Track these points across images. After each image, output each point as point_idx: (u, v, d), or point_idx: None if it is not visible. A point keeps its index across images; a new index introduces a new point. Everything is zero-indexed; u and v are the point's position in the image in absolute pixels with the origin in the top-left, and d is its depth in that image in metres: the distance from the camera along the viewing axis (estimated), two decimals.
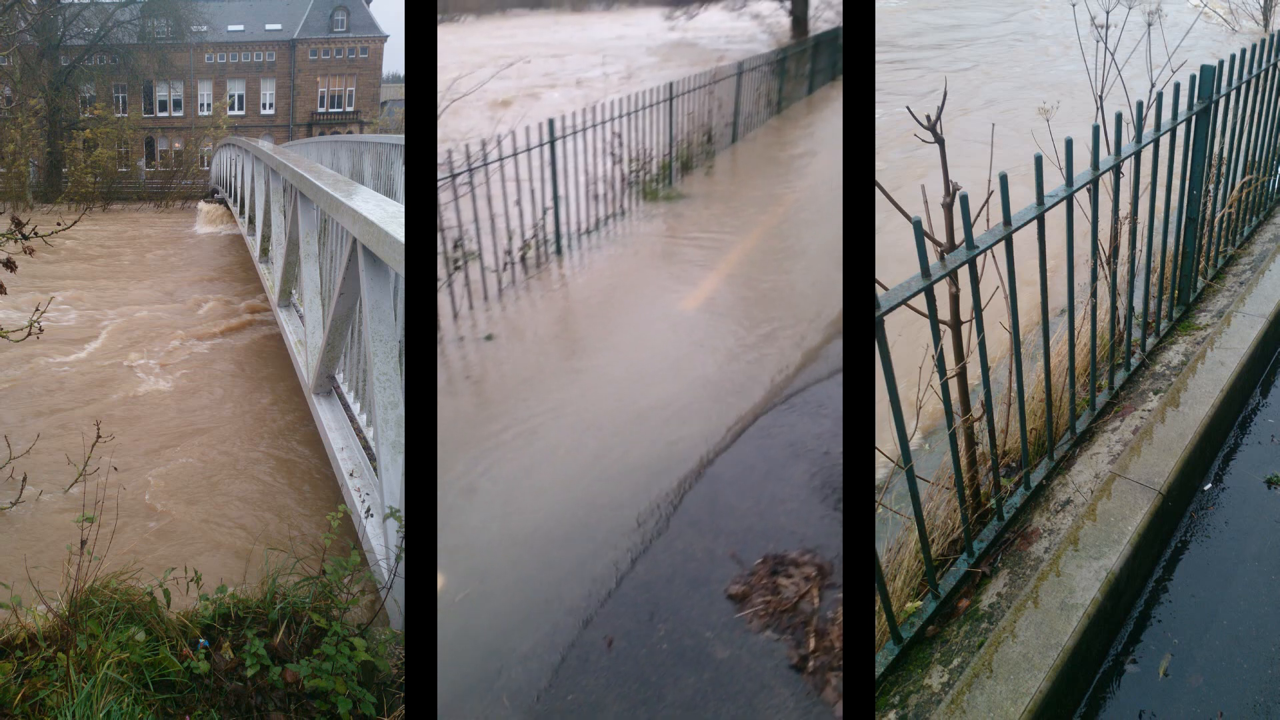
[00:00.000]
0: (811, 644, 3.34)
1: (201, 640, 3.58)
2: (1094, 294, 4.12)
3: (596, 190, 9.18)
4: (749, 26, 27.03)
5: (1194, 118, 4.84)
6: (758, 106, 14.34)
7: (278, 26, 44.50)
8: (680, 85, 11.15)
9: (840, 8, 27.12)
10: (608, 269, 7.87)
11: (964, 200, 3.11)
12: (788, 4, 26.51)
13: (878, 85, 3.01)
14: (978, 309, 3.24)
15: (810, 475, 4.47)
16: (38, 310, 5.15)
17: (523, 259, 7.79)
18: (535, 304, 7.05)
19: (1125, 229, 4.45)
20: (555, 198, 8.34)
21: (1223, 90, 5.03)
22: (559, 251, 8.29)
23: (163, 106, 43.94)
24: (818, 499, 4.28)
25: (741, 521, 4.10)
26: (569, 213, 8.62)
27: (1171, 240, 5.11)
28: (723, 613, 3.51)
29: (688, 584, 3.67)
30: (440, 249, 6.87)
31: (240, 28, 44.44)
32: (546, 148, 8.22)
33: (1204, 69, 4.85)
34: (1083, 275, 4.08)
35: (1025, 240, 3.39)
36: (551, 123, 8.28)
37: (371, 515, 5.16)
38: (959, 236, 3.22)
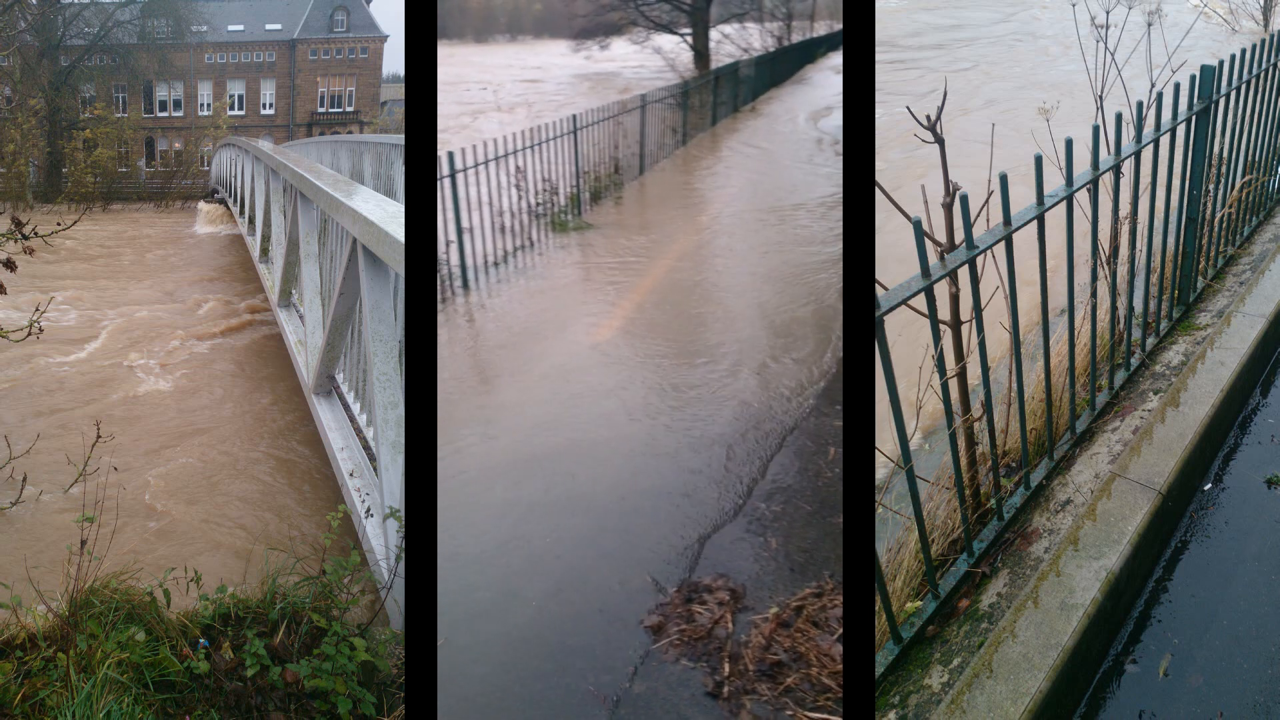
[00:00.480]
0: (726, 669, 3.36)
1: (201, 640, 3.58)
2: (1094, 294, 4.12)
3: (503, 222, 9.21)
4: (659, 59, 27.41)
5: (1194, 118, 4.84)
6: (663, 139, 14.68)
7: (278, 26, 44.48)
8: (584, 118, 11.26)
9: (743, 42, 27.73)
10: (517, 302, 7.85)
11: (964, 200, 3.11)
12: (689, 39, 26.84)
13: (878, 85, 3.01)
14: (978, 309, 3.24)
15: (721, 500, 4.50)
16: (38, 310, 5.15)
17: None
18: (440, 339, 7.03)
19: (1125, 229, 4.45)
20: (459, 231, 8.31)
21: (1223, 90, 5.03)
22: (465, 285, 8.28)
23: (163, 106, 43.91)
24: (731, 522, 4.30)
25: (656, 550, 4.09)
26: (474, 246, 8.63)
27: (1171, 240, 5.11)
28: (639, 645, 3.50)
29: (604, 619, 3.64)
30: None
31: (240, 28, 44.41)
32: (448, 180, 8.22)
33: (1204, 69, 4.85)
34: (1083, 275, 4.08)
35: (1025, 240, 3.40)
36: (451, 155, 8.25)
37: (371, 515, 5.16)
38: (959, 236, 3.22)
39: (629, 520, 4.33)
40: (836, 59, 34.56)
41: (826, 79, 28.25)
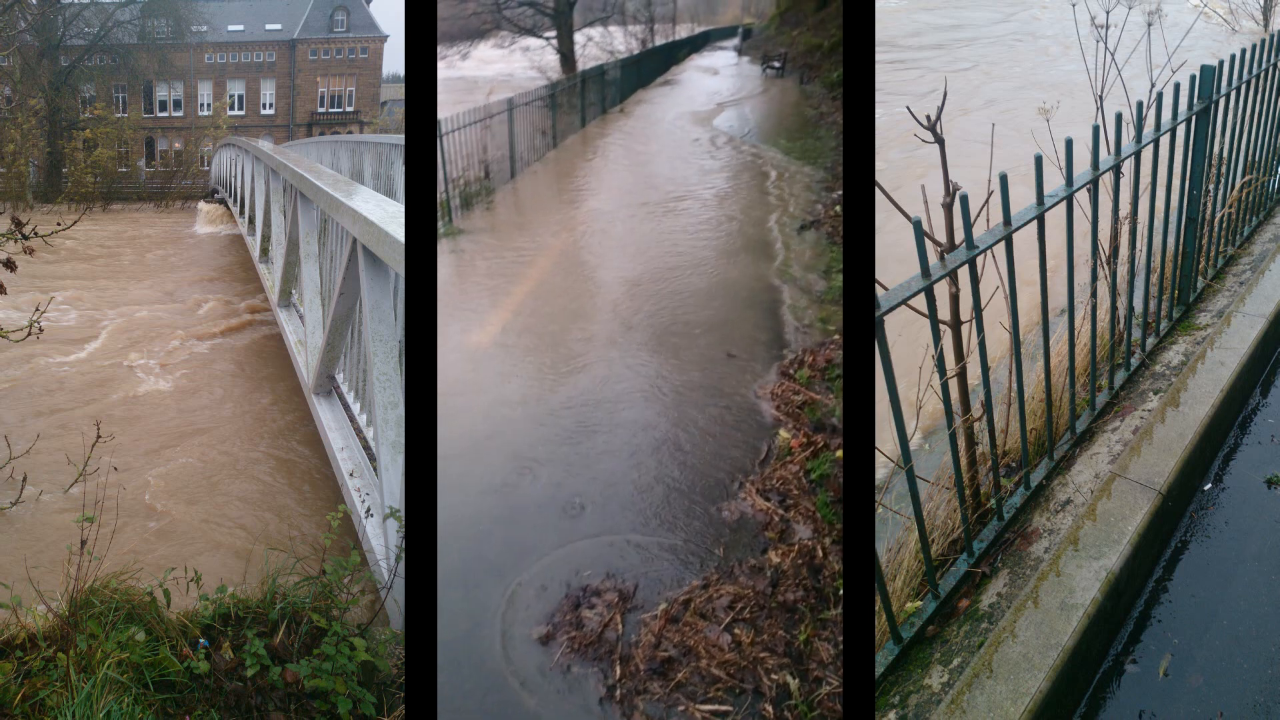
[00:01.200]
0: (618, 671, 3.36)
1: (201, 640, 3.58)
2: (1094, 294, 4.12)
3: None
4: (525, 62, 27.77)
5: (1194, 118, 4.84)
6: (533, 142, 14.70)
7: (278, 26, 44.48)
8: (448, 123, 11.08)
9: (607, 45, 28.60)
10: None
11: (964, 200, 3.11)
12: (554, 42, 27.16)
13: (878, 85, 3.01)
14: (978, 309, 3.24)
15: (606, 501, 4.45)
16: (38, 310, 5.15)
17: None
18: None
19: (1125, 229, 4.45)
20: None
21: (1223, 90, 5.03)
22: None
23: (163, 106, 43.92)
24: (619, 523, 4.26)
25: (542, 559, 4.02)
26: None
27: (1171, 240, 5.11)
28: (529, 658, 3.46)
29: (491, 636, 3.57)
30: None
31: (240, 28, 44.42)
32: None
33: (1204, 69, 4.85)
34: (1083, 275, 4.08)
35: (1025, 240, 3.40)
36: None
37: (371, 515, 5.16)
38: (959, 236, 3.22)
39: (510, 529, 4.26)
40: (701, 60, 35.46)
41: (694, 79, 28.50)
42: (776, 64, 27.72)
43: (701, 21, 43.74)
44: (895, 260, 3.30)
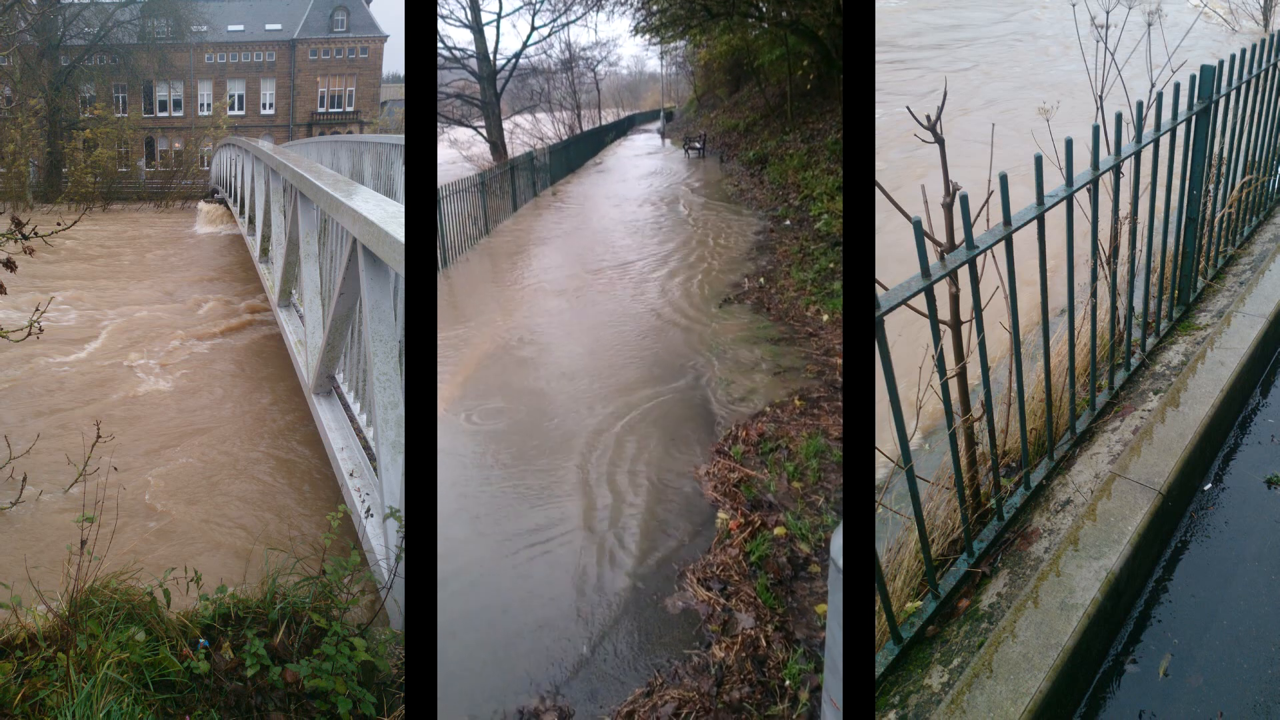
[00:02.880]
0: None
1: (201, 640, 3.58)
2: (1094, 294, 4.12)
3: None
4: (454, 152, 28.50)
5: (1194, 118, 4.84)
6: (465, 229, 15.05)
7: (278, 26, 44.46)
8: None
9: (536, 132, 29.79)
10: None
11: (964, 200, 3.11)
12: (483, 131, 27.91)
13: (878, 85, 3.00)
14: (978, 309, 3.24)
15: (540, 604, 4.34)
16: (38, 310, 5.15)
17: None
18: None
19: (1125, 229, 4.45)
20: None
21: (1223, 90, 5.03)
22: None
23: (163, 106, 43.89)
24: (552, 635, 4.14)
25: (476, 682, 3.87)
26: None
27: (1171, 240, 5.11)
28: None
29: None
30: None
31: (240, 28, 44.40)
32: None
33: (1204, 69, 4.85)
34: (1083, 275, 4.08)
35: (1025, 240, 3.40)
36: None
37: (371, 515, 5.16)
38: (959, 236, 3.22)
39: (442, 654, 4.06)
40: (627, 143, 37.20)
41: (622, 162, 29.66)
42: (698, 145, 29.15)
43: (625, 106, 46.59)
44: (895, 260, 3.30)
